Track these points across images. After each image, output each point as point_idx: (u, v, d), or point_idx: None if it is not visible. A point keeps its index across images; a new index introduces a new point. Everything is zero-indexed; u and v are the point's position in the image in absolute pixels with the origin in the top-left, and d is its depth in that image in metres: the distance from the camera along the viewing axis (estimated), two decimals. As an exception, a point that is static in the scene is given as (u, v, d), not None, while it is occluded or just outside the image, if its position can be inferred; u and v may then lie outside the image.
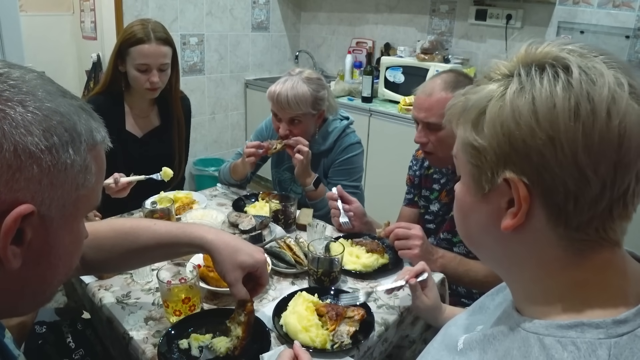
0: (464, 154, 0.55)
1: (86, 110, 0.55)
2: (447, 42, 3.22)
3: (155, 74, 1.68)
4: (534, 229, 0.51)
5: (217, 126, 3.88)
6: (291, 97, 1.64)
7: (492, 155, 0.50)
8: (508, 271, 0.59)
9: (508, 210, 0.51)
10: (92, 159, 0.54)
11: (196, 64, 3.56)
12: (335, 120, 1.83)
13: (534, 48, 0.51)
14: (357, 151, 1.82)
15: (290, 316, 1.04)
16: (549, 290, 0.53)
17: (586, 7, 2.61)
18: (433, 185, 1.63)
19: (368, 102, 3.15)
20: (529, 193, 0.49)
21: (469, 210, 0.58)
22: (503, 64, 0.53)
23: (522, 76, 0.50)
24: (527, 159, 0.48)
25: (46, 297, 0.61)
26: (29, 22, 3.06)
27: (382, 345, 1.12)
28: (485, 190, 0.53)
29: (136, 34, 1.64)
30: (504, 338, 0.55)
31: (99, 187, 0.58)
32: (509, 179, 0.49)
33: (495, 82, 0.52)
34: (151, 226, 0.97)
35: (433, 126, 1.40)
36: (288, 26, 4.10)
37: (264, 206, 1.61)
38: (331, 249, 1.31)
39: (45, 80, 0.53)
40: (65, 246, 0.56)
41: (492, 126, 0.50)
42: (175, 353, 0.96)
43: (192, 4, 3.39)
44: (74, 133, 0.51)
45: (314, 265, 1.22)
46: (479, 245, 0.61)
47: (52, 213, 0.51)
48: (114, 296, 1.15)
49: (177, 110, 1.89)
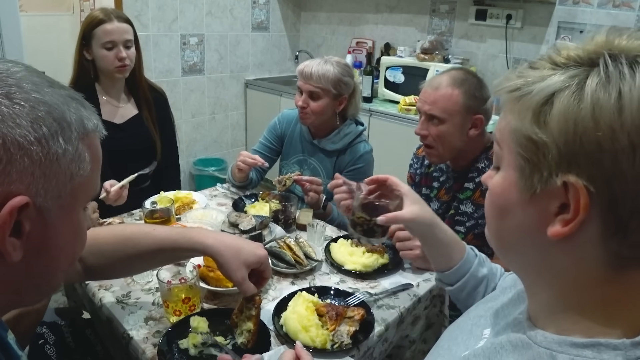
0: (515, 144, 0.48)
1: (76, 99, 0.55)
2: (447, 42, 3.22)
3: (121, 50, 1.74)
4: (582, 240, 0.45)
5: (217, 126, 3.88)
6: (315, 70, 1.71)
7: (555, 154, 0.44)
8: (535, 279, 0.53)
9: (558, 216, 0.45)
10: (85, 147, 0.54)
11: (196, 64, 3.56)
12: (352, 124, 1.85)
13: (622, 36, 0.45)
14: (370, 161, 1.86)
15: (290, 316, 1.04)
16: (575, 305, 0.49)
17: (586, 7, 2.61)
18: (433, 184, 1.63)
19: (368, 102, 3.15)
20: (590, 202, 0.43)
21: (508, 208, 0.51)
22: (576, 49, 0.46)
23: (608, 67, 0.42)
24: (597, 164, 0.42)
25: (51, 288, 0.61)
26: (28, 22, 3.07)
27: (382, 345, 1.12)
28: (535, 191, 0.46)
29: (97, 16, 1.73)
30: (513, 350, 0.52)
31: (95, 176, 0.58)
32: (569, 183, 0.43)
33: (564, 69, 0.46)
34: (151, 232, 0.97)
35: (435, 119, 1.43)
36: (288, 26, 4.10)
37: (264, 206, 1.61)
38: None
39: (32, 72, 0.53)
40: (65, 237, 0.55)
41: (561, 121, 0.43)
42: (175, 353, 0.96)
43: (192, 4, 3.39)
44: (63, 122, 0.51)
45: (364, 212, 1.05)
46: (509, 248, 0.55)
47: (49, 204, 0.51)
48: (114, 296, 1.15)
49: (144, 92, 1.92)
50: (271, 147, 1.96)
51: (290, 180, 1.64)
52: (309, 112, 1.75)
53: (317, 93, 1.73)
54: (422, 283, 1.27)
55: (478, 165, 1.50)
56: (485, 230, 0.59)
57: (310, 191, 1.64)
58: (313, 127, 1.86)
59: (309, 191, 1.64)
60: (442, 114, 1.41)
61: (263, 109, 3.79)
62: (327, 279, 1.29)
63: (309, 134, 1.88)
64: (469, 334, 0.67)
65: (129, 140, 1.84)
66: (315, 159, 1.89)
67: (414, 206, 0.96)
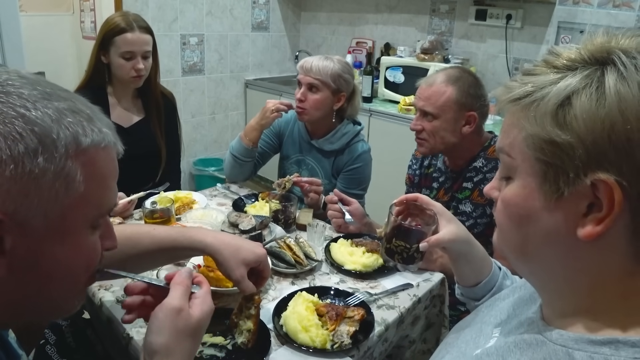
0: (533, 150, 0.47)
1: (79, 111, 0.53)
2: (447, 42, 3.22)
3: (139, 61, 1.73)
4: (613, 237, 0.45)
5: (217, 126, 3.88)
6: (315, 64, 1.73)
7: (582, 153, 0.44)
8: (560, 285, 0.52)
9: (588, 216, 0.45)
10: (77, 165, 0.51)
11: (196, 64, 3.56)
12: (349, 124, 1.85)
13: (617, 36, 0.46)
14: (368, 161, 1.86)
15: (290, 316, 1.04)
16: (597, 303, 0.49)
17: (586, 7, 2.61)
18: (432, 184, 1.64)
19: (368, 102, 3.15)
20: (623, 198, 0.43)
21: (531, 217, 0.50)
22: (575, 51, 0.47)
23: (624, 62, 0.43)
24: (629, 158, 0.42)
25: (62, 310, 0.60)
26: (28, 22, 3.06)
27: (382, 345, 1.12)
28: (562, 194, 0.46)
29: (119, 24, 1.70)
30: (528, 347, 0.51)
31: (97, 194, 0.55)
32: (599, 181, 0.43)
33: (574, 70, 0.46)
34: (151, 231, 0.97)
35: (429, 115, 1.47)
36: (288, 26, 4.10)
37: (264, 206, 1.61)
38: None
39: (27, 83, 0.51)
40: (60, 257, 0.53)
41: (587, 119, 0.43)
42: (176, 353, 0.96)
43: (192, 4, 3.39)
44: (46, 140, 0.49)
45: (400, 238, 0.98)
46: (533, 256, 0.53)
47: (34, 222, 0.50)
48: (114, 296, 1.15)
49: (157, 100, 1.91)
50: (269, 143, 1.96)
51: (290, 182, 1.64)
52: (306, 105, 1.75)
53: (316, 85, 1.73)
54: (422, 283, 1.27)
55: (476, 164, 1.50)
56: (496, 241, 0.58)
57: (311, 192, 1.64)
58: (310, 125, 1.86)
59: (309, 192, 1.64)
60: (434, 110, 1.45)
61: (263, 109, 3.79)
62: (327, 279, 1.29)
63: (307, 133, 1.88)
64: (479, 333, 0.67)
65: (134, 145, 1.82)
66: (313, 159, 1.89)
67: (450, 225, 0.90)
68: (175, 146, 2.04)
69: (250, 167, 1.89)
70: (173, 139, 2.01)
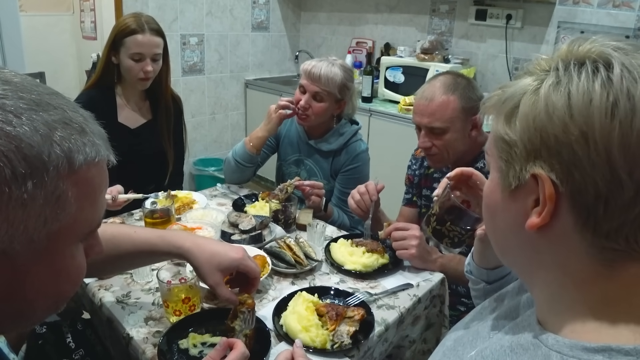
0: (496, 148, 0.53)
1: (69, 122, 0.48)
2: (447, 42, 3.22)
3: (148, 63, 1.73)
4: (560, 232, 0.49)
5: (217, 126, 3.88)
6: (324, 73, 1.71)
7: (522, 150, 0.49)
8: (534, 278, 0.56)
9: (534, 209, 0.50)
10: (69, 186, 0.47)
11: (196, 64, 3.56)
12: (347, 123, 1.85)
13: (577, 45, 0.50)
14: (366, 160, 1.86)
15: (290, 316, 1.04)
16: (576, 303, 0.51)
17: (586, 7, 2.61)
18: (434, 185, 1.63)
19: (368, 102, 3.15)
20: (556, 192, 0.47)
21: (496, 208, 0.56)
22: (543, 59, 0.52)
23: (559, 70, 0.48)
24: (557, 155, 0.46)
25: (43, 319, 0.58)
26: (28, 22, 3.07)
27: (382, 345, 1.12)
28: (512, 187, 0.51)
29: (130, 25, 1.70)
30: (524, 352, 0.52)
31: (88, 212, 0.51)
32: (537, 175, 0.48)
33: (531, 76, 0.51)
34: (131, 234, 0.97)
35: (438, 130, 1.41)
36: (288, 26, 4.10)
37: (264, 206, 1.61)
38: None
39: (12, 90, 0.46)
40: (43, 278, 0.51)
41: (524, 120, 0.49)
42: (175, 353, 0.96)
43: (192, 4, 3.39)
44: (36, 162, 0.44)
45: (454, 220, 0.93)
46: (504, 248, 0.59)
47: (17, 248, 0.46)
48: (114, 296, 1.15)
49: (167, 103, 1.91)
50: (267, 143, 1.95)
51: (292, 187, 1.64)
52: (310, 113, 1.75)
53: (322, 96, 1.73)
54: (422, 283, 1.27)
55: (477, 165, 1.50)
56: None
57: (312, 195, 1.64)
58: (309, 127, 1.86)
59: (310, 195, 1.64)
60: (443, 124, 1.40)
61: (263, 109, 3.74)
62: (327, 279, 1.29)
63: (305, 134, 1.88)
64: (476, 335, 0.67)
65: (139, 146, 1.83)
66: (312, 160, 1.89)
67: None
68: (180, 148, 2.03)
69: (251, 172, 1.90)
70: (178, 142, 2.00)
